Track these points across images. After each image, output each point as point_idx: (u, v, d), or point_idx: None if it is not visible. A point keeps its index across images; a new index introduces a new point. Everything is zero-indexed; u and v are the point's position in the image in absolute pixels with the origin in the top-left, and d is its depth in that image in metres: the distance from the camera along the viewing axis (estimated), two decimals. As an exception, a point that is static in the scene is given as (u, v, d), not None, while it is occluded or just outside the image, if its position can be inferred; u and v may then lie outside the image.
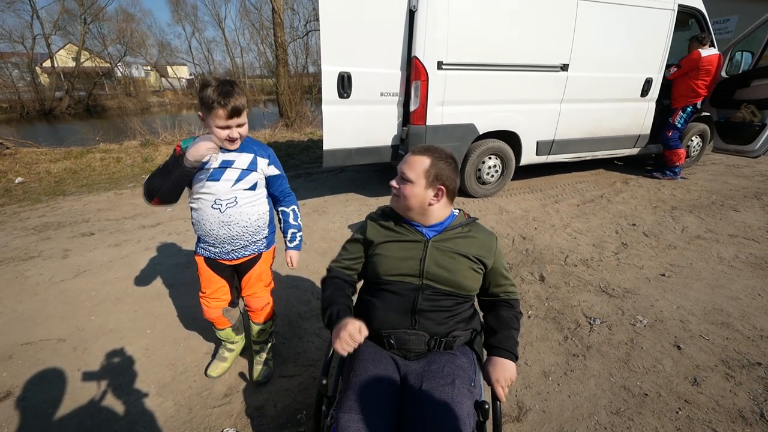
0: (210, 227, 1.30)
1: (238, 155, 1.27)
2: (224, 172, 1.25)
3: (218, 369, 1.63)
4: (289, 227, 1.47)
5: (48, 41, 22.34)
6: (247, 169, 1.28)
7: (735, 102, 4.13)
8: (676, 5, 3.80)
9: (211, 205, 1.27)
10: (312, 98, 10.96)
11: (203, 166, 1.22)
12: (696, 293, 2.17)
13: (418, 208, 1.06)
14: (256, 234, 1.39)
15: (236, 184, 1.27)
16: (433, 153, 1.04)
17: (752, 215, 3.27)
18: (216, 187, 1.25)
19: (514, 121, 3.60)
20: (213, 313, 1.50)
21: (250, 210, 1.33)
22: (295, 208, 1.48)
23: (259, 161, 1.31)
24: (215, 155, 1.23)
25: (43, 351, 1.77)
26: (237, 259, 1.41)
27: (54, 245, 2.88)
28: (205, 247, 1.38)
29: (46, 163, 5.19)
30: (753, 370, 1.61)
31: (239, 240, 1.35)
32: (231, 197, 1.27)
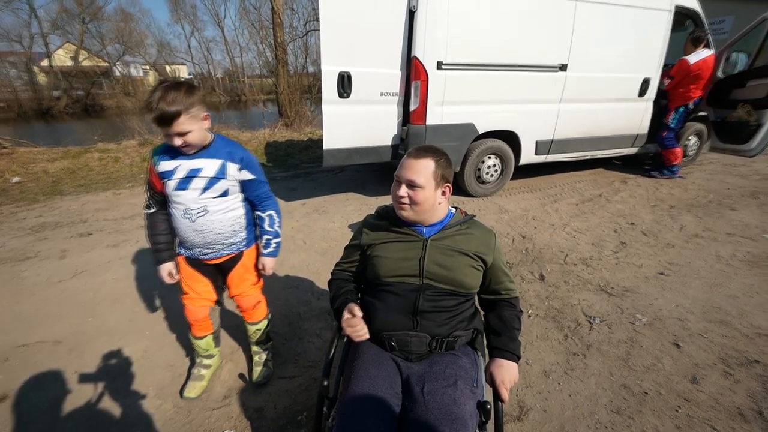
0: (184, 234, 1.29)
1: (206, 162, 1.21)
2: (191, 181, 1.21)
3: (195, 389, 1.51)
4: (264, 233, 1.42)
5: (46, 40, 22.22)
6: (215, 177, 1.22)
7: (731, 102, 4.16)
8: (673, 6, 3.82)
9: (182, 215, 1.24)
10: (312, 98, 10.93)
11: (170, 176, 1.20)
12: (694, 292, 2.17)
13: (429, 210, 1.05)
14: (233, 237, 1.35)
15: (204, 192, 1.23)
16: (433, 153, 1.04)
17: (749, 214, 3.29)
18: (184, 196, 1.22)
19: (514, 121, 3.60)
20: (199, 313, 1.45)
21: (223, 217, 1.29)
22: (272, 214, 1.40)
23: (228, 167, 1.24)
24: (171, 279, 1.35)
25: (40, 353, 1.75)
26: (217, 259, 1.38)
27: (51, 245, 2.86)
28: (185, 249, 1.37)
29: (43, 162, 5.15)
30: (751, 367, 1.61)
31: (215, 245, 1.33)
32: (200, 206, 1.23)
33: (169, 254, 1.38)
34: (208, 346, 1.54)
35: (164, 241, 1.36)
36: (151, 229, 1.35)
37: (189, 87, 1.12)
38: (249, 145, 6.37)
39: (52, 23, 22.27)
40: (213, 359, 1.60)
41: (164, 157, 1.22)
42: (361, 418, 0.86)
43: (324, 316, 2.00)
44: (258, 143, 6.46)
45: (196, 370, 1.57)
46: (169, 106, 1.06)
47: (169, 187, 1.23)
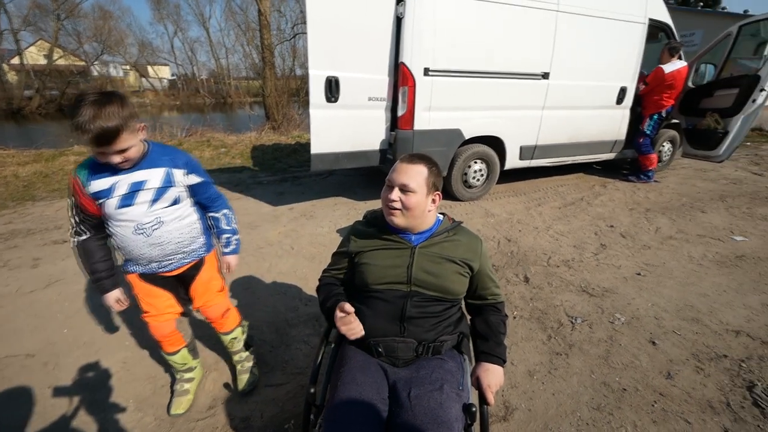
0: (140, 251, 1.19)
1: (148, 173, 1.13)
2: (136, 196, 1.12)
3: (182, 404, 1.45)
4: (223, 232, 1.38)
5: (16, 37, 21.26)
6: (162, 186, 1.15)
7: (701, 110, 4.40)
8: (647, 19, 4.02)
9: (133, 231, 1.15)
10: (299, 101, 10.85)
11: (109, 194, 1.09)
12: (669, 291, 2.28)
13: (420, 216, 1.06)
14: (193, 243, 1.30)
15: (154, 204, 1.15)
16: (426, 161, 1.06)
17: (718, 216, 3.48)
18: (132, 212, 1.13)
19: (499, 127, 3.69)
20: (164, 328, 1.36)
21: (180, 225, 1.23)
22: (226, 212, 1.37)
23: (174, 174, 1.18)
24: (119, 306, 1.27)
25: (10, 368, 1.67)
26: (178, 269, 1.31)
27: (22, 254, 2.73)
28: (139, 266, 1.26)
29: (13, 166, 4.91)
30: (720, 362, 1.70)
31: (175, 254, 1.26)
32: (153, 219, 1.16)
33: (113, 281, 1.27)
34: (184, 360, 1.47)
35: (104, 268, 1.23)
36: (87, 258, 1.21)
37: (121, 98, 1.02)
38: (235, 148, 6.27)
39: (24, 19, 21.35)
40: (194, 371, 1.54)
41: (95, 175, 1.09)
42: (348, 425, 0.86)
43: (312, 323, 1.99)
44: (244, 146, 6.37)
45: (178, 386, 1.50)
46: (107, 123, 0.95)
47: (108, 207, 1.11)
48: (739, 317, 2.02)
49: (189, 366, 1.50)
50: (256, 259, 2.64)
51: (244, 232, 3.08)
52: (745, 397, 1.51)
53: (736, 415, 1.43)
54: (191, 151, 5.93)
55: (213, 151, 6.06)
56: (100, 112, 0.95)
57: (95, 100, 0.97)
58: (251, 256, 2.68)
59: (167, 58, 33.21)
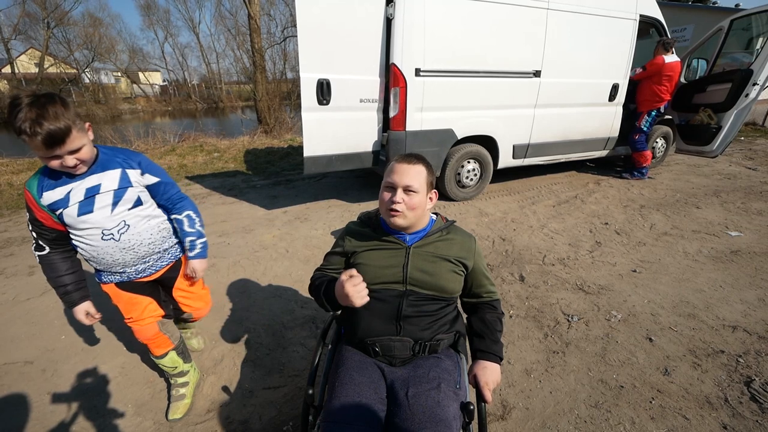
0: (112, 258, 1.15)
1: (101, 176, 1.08)
2: (94, 201, 1.07)
3: (179, 409, 1.43)
4: (186, 235, 1.31)
5: (7, 46, 21.19)
6: (120, 188, 1.10)
7: (694, 106, 4.43)
8: (638, 15, 4.05)
9: (101, 238, 1.11)
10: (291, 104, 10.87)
11: (65, 204, 1.04)
12: (665, 287, 2.29)
13: (421, 215, 1.07)
14: (165, 243, 1.27)
15: (115, 207, 1.10)
16: (423, 160, 1.08)
17: (713, 212, 3.50)
18: (93, 218, 1.08)
19: (491, 126, 3.70)
20: (149, 330, 1.33)
21: (148, 225, 1.19)
22: (189, 214, 1.31)
23: (130, 174, 1.13)
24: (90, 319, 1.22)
25: (8, 375, 1.66)
26: (156, 273, 1.28)
27: (18, 262, 2.71)
28: (114, 274, 1.22)
29: (7, 174, 4.89)
30: (717, 357, 1.71)
31: (150, 256, 1.23)
32: (118, 223, 1.11)
33: (81, 294, 1.21)
34: (174, 363, 1.43)
35: (72, 281, 1.18)
36: (53, 272, 1.16)
37: (61, 98, 0.96)
38: (228, 152, 6.26)
39: (14, 28, 21.28)
40: (188, 375, 1.51)
41: (48, 186, 1.04)
42: (346, 425, 0.86)
43: (308, 325, 1.99)
44: (237, 151, 6.36)
45: (174, 391, 1.48)
46: (55, 123, 0.90)
47: (68, 217, 1.06)
48: (736, 312, 2.03)
49: (181, 370, 1.47)
50: (251, 262, 2.64)
51: (239, 236, 3.08)
52: (743, 392, 1.52)
53: (735, 411, 1.43)
54: (184, 157, 5.92)
55: (206, 156, 6.05)
56: (43, 112, 0.89)
57: (33, 101, 0.89)
58: (246, 259, 2.68)
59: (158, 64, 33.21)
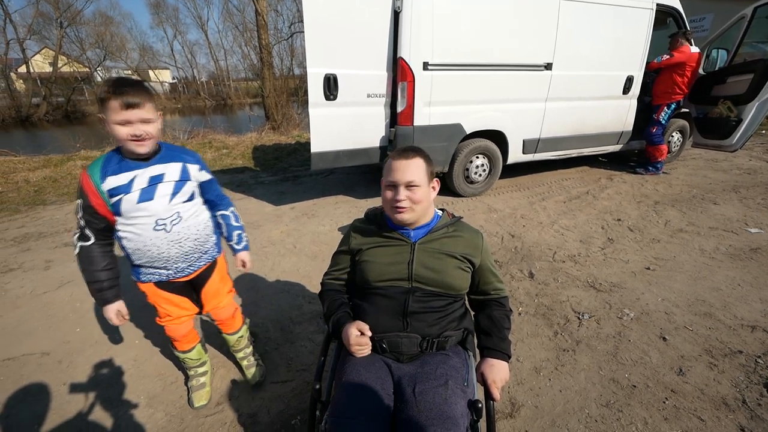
0: (158, 251, 1.17)
1: (165, 167, 1.14)
2: (156, 189, 1.12)
3: (203, 396, 1.49)
4: (234, 229, 1.39)
5: (22, 46, 21.64)
6: (180, 179, 1.17)
7: (712, 98, 4.27)
8: (654, 4, 3.90)
9: (153, 228, 1.13)
10: (298, 100, 10.88)
11: (128, 189, 1.08)
12: (680, 285, 2.23)
13: (427, 208, 1.08)
14: (207, 242, 1.31)
15: (174, 198, 1.15)
16: (419, 152, 1.07)
17: (731, 208, 3.39)
18: (153, 206, 1.12)
19: (501, 121, 3.64)
20: (183, 329, 1.38)
21: (196, 221, 1.24)
22: (233, 210, 1.41)
23: (190, 168, 1.20)
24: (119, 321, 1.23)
25: (27, 366, 1.71)
26: (193, 273, 1.30)
27: (35, 256, 2.79)
28: (154, 272, 1.24)
29: (24, 171, 5.02)
30: (735, 358, 1.66)
31: (192, 254, 1.26)
32: (172, 213, 1.15)
33: (114, 292, 1.22)
34: (199, 355, 1.49)
35: (107, 278, 1.19)
36: (91, 265, 1.15)
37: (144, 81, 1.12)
38: (236, 149, 6.32)
39: (29, 28, 21.72)
40: (206, 365, 1.57)
41: (111, 171, 1.08)
42: (353, 420, 0.86)
43: (316, 320, 2.00)
44: (245, 147, 6.41)
45: (194, 381, 1.52)
46: (137, 88, 1.02)
47: (128, 203, 1.09)
48: (755, 312, 1.96)
49: (202, 360, 1.52)
50: (260, 258, 2.66)
51: (247, 232, 3.08)
52: (762, 393, 1.47)
53: (753, 413, 1.39)
54: (195, 153, 5.99)
55: (215, 152, 6.11)
56: (130, 80, 1.04)
57: (127, 77, 1.08)
58: (254, 255, 2.70)
59: (167, 62, 33.58)
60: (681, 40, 3.97)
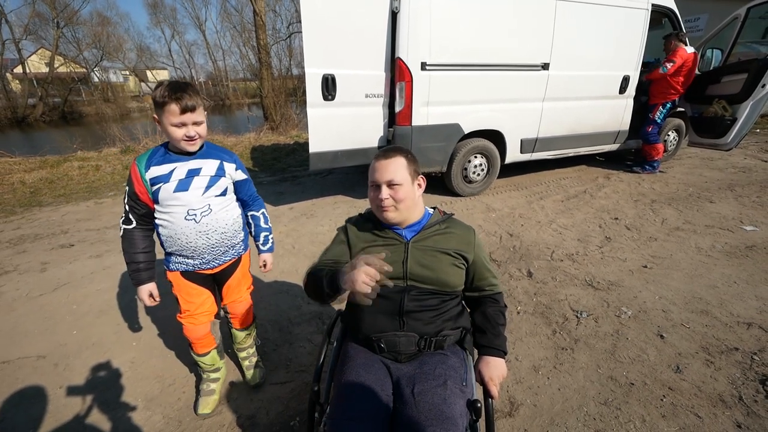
0: (186, 240, 1.24)
1: (203, 162, 1.23)
2: (192, 181, 1.21)
3: (209, 404, 1.48)
4: (262, 230, 1.47)
5: (18, 46, 21.53)
6: (215, 175, 1.25)
7: (707, 97, 4.30)
8: (649, 5, 3.93)
9: (185, 217, 1.21)
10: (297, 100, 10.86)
11: (167, 179, 1.18)
12: (676, 283, 2.24)
13: (412, 206, 1.07)
14: (234, 238, 1.35)
15: (207, 191, 1.23)
16: (400, 151, 1.07)
17: (727, 206, 3.41)
18: (186, 197, 1.20)
19: (499, 120, 3.65)
20: (200, 330, 1.39)
21: (226, 215, 1.30)
22: (264, 212, 1.48)
23: (226, 166, 1.29)
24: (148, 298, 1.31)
25: (22, 369, 1.70)
26: (218, 267, 1.35)
27: (31, 258, 2.77)
28: (182, 261, 1.30)
29: (20, 173, 4.98)
30: (731, 355, 1.67)
31: (219, 247, 1.31)
32: (204, 205, 1.23)
33: (149, 274, 1.31)
34: (213, 360, 1.49)
35: (144, 260, 1.29)
36: (131, 247, 1.27)
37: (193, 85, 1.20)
38: (235, 149, 6.30)
39: (25, 28, 21.61)
40: (220, 372, 1.55)
41: (155, 162, 1.19)
42: (352, 422, 0.86)
43: (314, 321, 1.99)
44: (244, 147, 6.39)
45: (205, 386, 1.51)
46: (194, 94, 1.11)
47: (165, 192, 1.18)
48: (751, 309, 1.98)
49: (216, 366, 1.52)
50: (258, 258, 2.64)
51: (247, 233, 3.10)
52: (758, 390, 1.48)
53: (749, 410, 1.40)
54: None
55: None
56: (186, 87, 1.12)
57: (175, 81, 1.14)
58: (253, 255, 2.69)
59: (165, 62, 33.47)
60: (675, 42, 3.99)
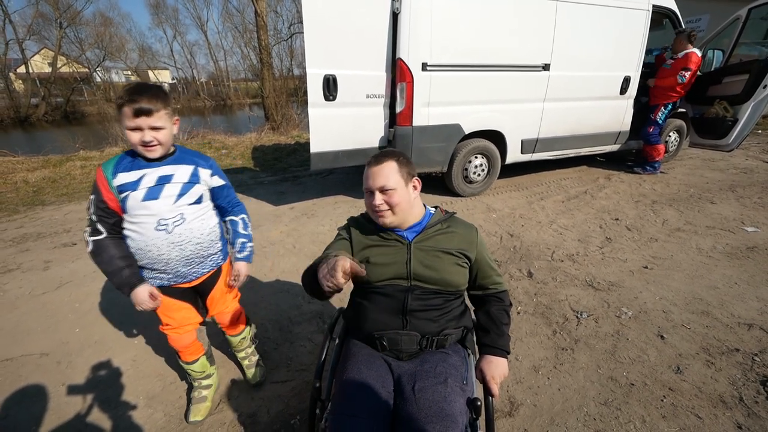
0: (158, 252, 1.15)
1: (175, 168, 1.15)
2: (163, 189, 1.12)
3: (201, 411, 1.43)
4: (239, 236, 1.37)
5: (22, 46, 21.63)
6: (189, 182, 1.17)
7: (709, 98, 4.29)
8: (650, 5, 3.93)
9: (155, 227, 1.12)
10: (298, 101, 10.89)
11: (135, 187, 1.09)
12: (677, 284, 2.24)
13: (408, 209, 1.07)
14: (210, 248, 1.27)
15: (179, 199, 1.15)
16: (391, 155, 1.07)
17: (728, 207, 3.41)
18: (157, 206, 1.12)
19: (499, 121, 3.65)
20: (186, 339, 1.34)
21: (201, 225, 1.21)
22: (244, 217, 1.38)
23: (201, 172, 1.21)
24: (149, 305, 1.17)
25: (25, 367, 1.71)
26: (196, 279, 1.27)
27: (34, 257, 2.78)
28: (155, 275, 1.21)
29: (23, 172, 5.01)
30: (732, 356, 1.67)
31: (194, 259, 1.22)
32: (176, 215, 1.15)
33: (138, 275, 1.18)
34: (203, 368, 1.44)
35: (125, 263, 1.14)
36: (106, 256, 1.12)
37: (164, 89, 1.13)
38: (236, 149, 6.31)
39: (28, 28, 21.71)
40: (212, 378, 1.51)
41: (123, 168, 1.11)
42: (353, 419, 0.87)
43: (315, 320, 2.00)
44: (245, 147, 6.41)
45: (196, 393, 1.47)
46: (151, 96, 1.04)
47: (133, 200, 1.10)
48: (752, 310, 1.97)
49: (207, 373, 1.48)
50: (259, 258, 2.66)
51: (249, 232, 3.11)
52: (758, 391, 1.48)
53: (750, 410, 1.40)
54: (195, 153, 6.00)
55: (214, 152, 6.11)
56: (145, 87, 1.06)
57: (145, 83, 1.11)
58: (254, 255, 2.69)
59: (167, 63, 33.53)
60: (685, 43, 3.92)
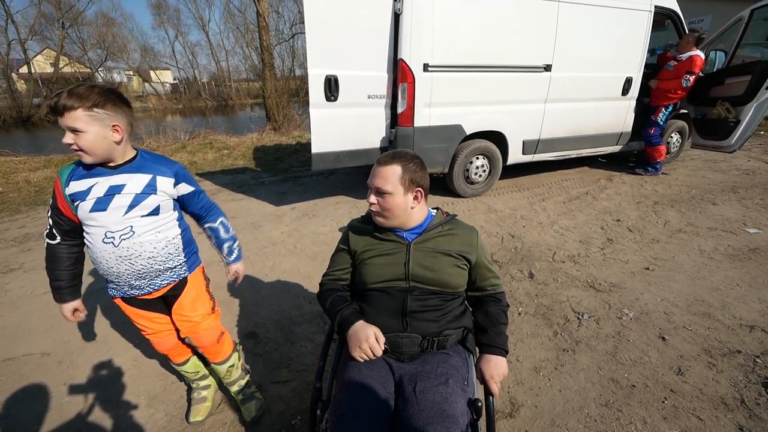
0: (107, 264, 1.08)
1: (129, 177, 1.06)
2: (112, 200, 1.04)
3: (201, 412, 1.41)
4: (224, 242, 1.32)
5: (24, 46, 21.68)
6: (142, 192, 1.07)
7: (711, 99, 4.28)
8: (652, 6, 3.93)
9: (102, 239, 1.05)
10: (299, 101, 10.91)
11: (84, 196, 1.03)
12: (679, 285, 2.23)
13: (403, 215, 1.06)
14: (168, 262, 1.16)
15: (129, 211, 1.06)
16: (401, 159, 1.04)
17: (730, 208, 3.40)
18: (104, 218, 1.04)
19: (501, 122, 3.65)
20: (168, 342, 1.29)
21: (154, 238, 1.11)
22: (223, 220, 1.31)
23: (159, 182, 1.10)
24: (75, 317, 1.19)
25: (27, 366, 1.72)
26: (155, 292, 1.18)
27: (36, 257, 2.79)
28: (112, 287, 1.16)
29: (25, 172, 5.02)
30: (733, 357, 1.67)
31: (147, 273, 1.13)
32: (124, 227, 1.06)
33: (72, 291, 1.18)
34: (196, 368, 1.41)
35: (66, 277, 1.15)
36: (53, 263, 1.13)
37: (115, 94, 1.02)
38: (237, 149, 6.32)
39: (30, 29, 21.77)
40: (209, 378, 1.48)
41: (76, 176, 1.04)
42: (354, 419, 0.87)
43: (316, 321, 2.00)
44: (246, 148, 6.42)
45: (195, 394, 1.45)
46: (71, 94, 0.94)
47: (82, 210, 1.04)
48: (754, 312, 1.97)
49: (203, 373, 1.45)
50: (260, 258, 2.66)
51: (248, 232, 3.11)
52: (760, 393, 1.47)
53: (751, 412, 1.40)
54: (195, 154, 6.00)
55: (216, 153, 6.12)
56: (78, 87, 0.96)
57: (92, 83, 1.03)
58: (255, 255, 2.71)
59: (169, 63, 33.61)
60: (689, 44, 3.90)
